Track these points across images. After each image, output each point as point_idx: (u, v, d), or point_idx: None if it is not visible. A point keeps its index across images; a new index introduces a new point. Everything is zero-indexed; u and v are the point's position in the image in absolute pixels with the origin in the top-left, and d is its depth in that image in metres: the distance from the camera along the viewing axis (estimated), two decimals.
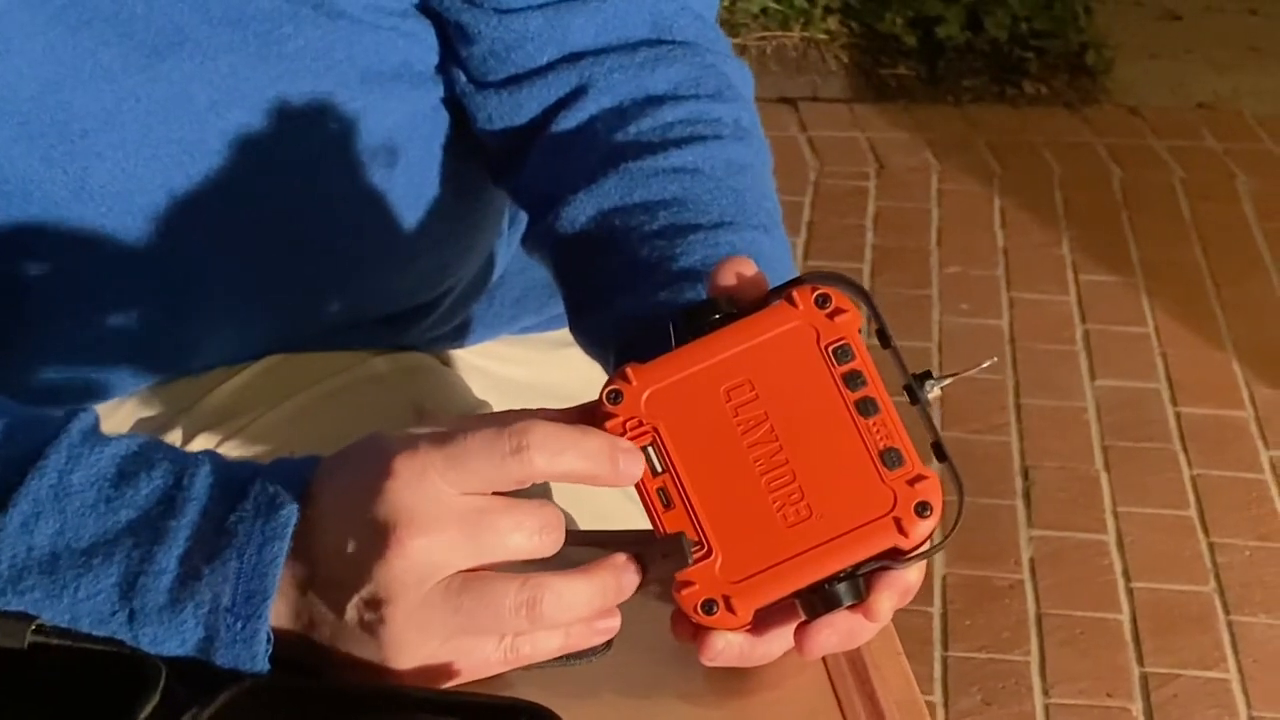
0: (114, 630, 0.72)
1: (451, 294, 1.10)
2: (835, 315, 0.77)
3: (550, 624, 0.73)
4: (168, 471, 0.75)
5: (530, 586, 0.72)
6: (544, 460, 0.72)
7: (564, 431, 0.73)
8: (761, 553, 0.74)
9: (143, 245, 0.92)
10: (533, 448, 0.72)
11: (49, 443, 0.74)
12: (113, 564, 0.72)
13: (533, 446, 0.72)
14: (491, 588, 0.71)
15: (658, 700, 0.79)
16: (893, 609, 0.76)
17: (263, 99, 0.92)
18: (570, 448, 0.73)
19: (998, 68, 4.01)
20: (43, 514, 0.73)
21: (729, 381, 0.76)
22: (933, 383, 0.78)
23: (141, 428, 1.03)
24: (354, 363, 1.08)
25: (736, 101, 1.01)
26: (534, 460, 0.72)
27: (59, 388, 0.97)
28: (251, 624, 0.72)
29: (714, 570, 0.74)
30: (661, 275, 0.91)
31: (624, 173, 0.95)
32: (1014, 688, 2.30)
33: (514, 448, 0.71)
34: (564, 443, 0.73)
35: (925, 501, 0.75)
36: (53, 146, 0.87)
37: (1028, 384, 2.91)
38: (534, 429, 0.72)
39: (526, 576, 0.72)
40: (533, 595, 0.71)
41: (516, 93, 0.99)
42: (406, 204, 1.01)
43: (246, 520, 0.72)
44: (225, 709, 0.70)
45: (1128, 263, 3.28)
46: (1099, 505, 2.64)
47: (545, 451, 0.72)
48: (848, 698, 0.79)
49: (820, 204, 3.46)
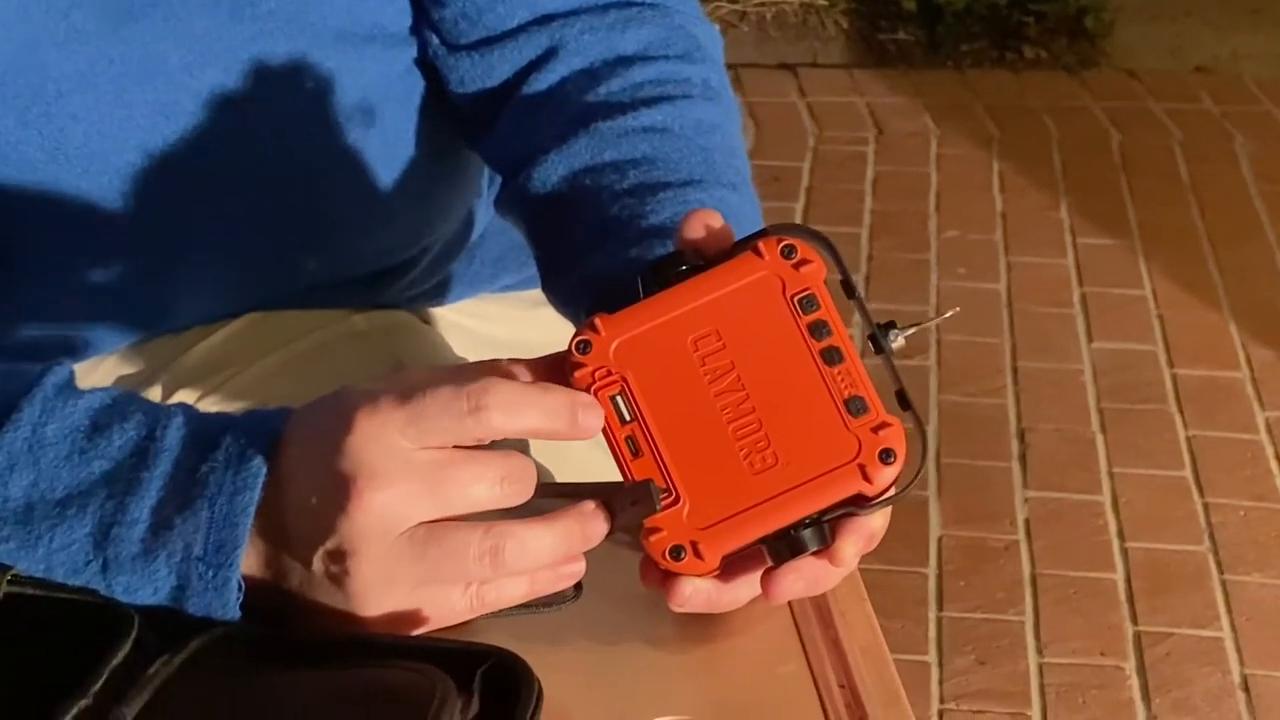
0: (88, 579, 0.74)
1: (430, 253, 1.11)
2: (801, 266, 0.78)
3: (514, 571, 0.74)
4: (140, 423, 0.76)
5: (494, 534, 0.73)
6: (502, 418, 0.73)
7: (522, 390, 0.74)
8: (728, 499, 0.75)
9: (120, 206, 0.93)
10: (491, 407, 0.73)
11: (23, 395, 0.76)
12: (86, 514, 0.74)
13: (491, 406, 0.73)
14: (455, 536, 0.73)
15: (625, 646, 0.80)
16: (858, 554, 0.77)
17: (236, 60, 0.93)
18: (529, 405, 0.74)
19: (997, 32, 4.01)
20: (17, 466, 0.74)
21: (696, 331, 0.77)
22: (896, 332, 0.79)
23: (122, 385, 1.04)
24: (334, 320, 1.09)
25: (705, 62, 1.02)
26: (492, 419, 0.73)
27: (38, 346, 0.98)
28: (223, 572, 0.73)
29: (681, 517, 0.75)
30: (631, 232, 0.92)
31: (594, 133, 0.97)
32: (1008, 647, 2.31)
33: (472, 407, 0.72)
34: (522, 400, 0.74)
35: (889, 448, 0.76)
36: (28, 108, 0.88)
37: (1025, 347, 2.92)
38: (493, 388, 0.73)
39: (490, 525, 0.73)
40: (496, 543, 0.73)
41: (488, 55, 1.00)
42: (383, 164, 1.02)
43: (218, 470, 0.74)
44: (196, 656, 0.71)
45: (1125, 226, 3.28)
46: (1095, 466, 2.65)
47: (503, 410, 0.73)
48: (812, 643, 0.80)
49: (819, 169, 3.47)
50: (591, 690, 0.76)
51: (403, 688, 0.69)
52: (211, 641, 0.72)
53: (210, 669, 0.71)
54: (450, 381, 0.73)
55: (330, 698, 0.70)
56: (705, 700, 0.76)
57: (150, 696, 0.68)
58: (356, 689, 0.70)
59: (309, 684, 0.71)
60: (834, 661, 0.79)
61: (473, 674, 0.70)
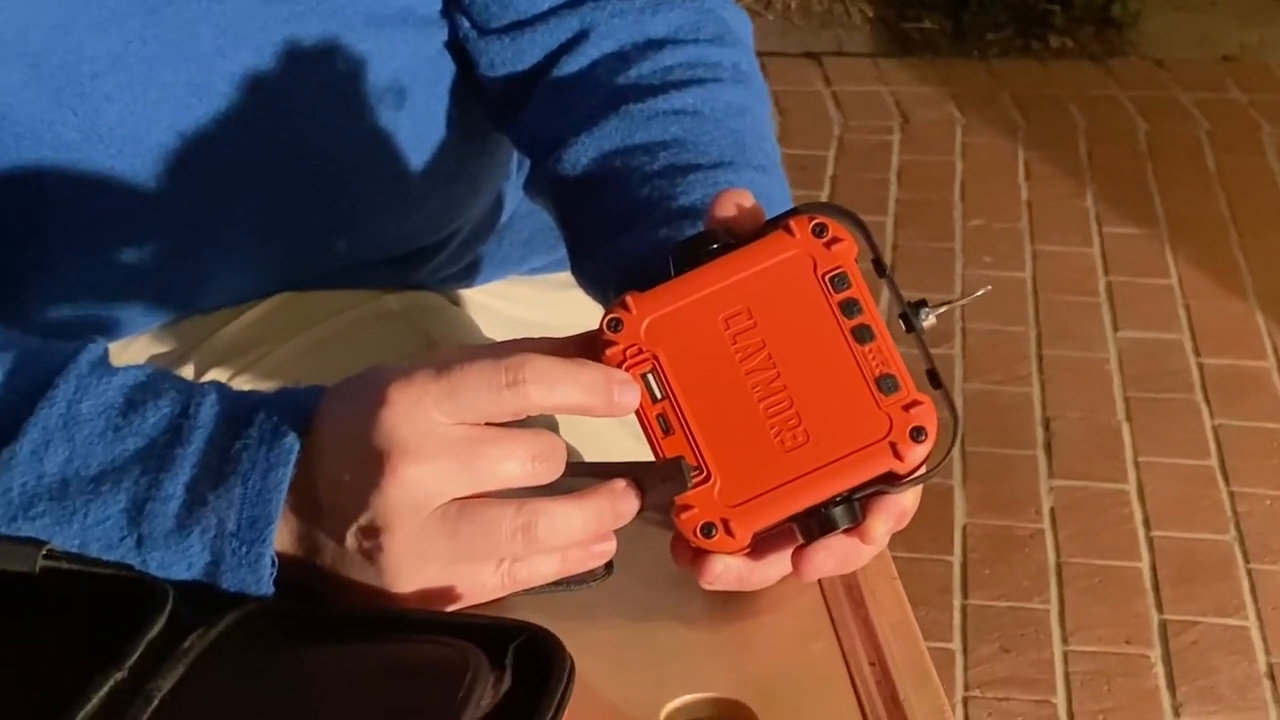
0: (122, 555, 0.74)
1: (460, 234, 1.11)
2: (832, 244, 0.78)
3: (546, 548, 0.74)
4: (174, 401, 0.76)
5: (526, 511, 0.73)
6: (539, 393, 0.73)
7: (560, 364, 0.74)
8: (759, 477, 0.75)
9: (153, 186, 0.94)
10: (528, 381, 0.73)
11: (58, 373, 0.76)
12: (121, 491, 0.74)
13: (528, 380, 0.73)
14: (487, 513, 0.73)
15: (655, 624, 0.80)
16: (888, 532, 0.78)
17: (269, 41, 0.93)
18: (566, 380, 0.74)
19: (1023, 21, 4.00)
20: (52, 442, 0.75)
21: (727, 310, 0.78)
22: (928, 310, 0.79)
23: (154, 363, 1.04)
24: (364, 300, 1.09)
25: (736, 46, 1.02)
26: (529, 393, 0.73)
27: (71, 326, 0.99)
28: (256, 548, 0.74)
29: (713, 494, 0.75)
30: (661, 213, 0.92)
31: (624, 115, 0.97)
32: (1033, 636, 2.31)
33: (510, 380, 0.73)
34: (559, 375, 0.74)
35: (920, 426, 0.76)
36: (62, 89, 0.89)
37: (1050, 335, 2.92)
38: (530, 362, 0.73)
39: (522, 501, 0.73)
40: (528, 519, 0.73)
41: (518, 38, 1.00)
42: (413, 146, 1.02)
43: (251, 447, 0.74)
44: (230, 630, 0.72)
45: (1152, 215, 3.27)
46: (1120, 455, 2.65)
47: (541, 384, 0.73)
48: (842, 621, 0.80)
49: (844, 158, 3.47)
50: (621, 668, 0.77)
51: (435, 663, 0.69)
52: (245, 616, 0.73)
53: (244, 643, 0.71)
54: (486, 356, 0.73)
55: (363, 672, 0.71)
56: (735, 678, 0.76)
57: (185, 670, 0.69)
58: (389, 664, 0.71)
59: (342, 658, 0.71)
60: (864, 640, 0.79)
61: (505, 650, 0.70)
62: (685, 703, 0.75)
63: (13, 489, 0.75)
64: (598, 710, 0.73)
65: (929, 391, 0.77)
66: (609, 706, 0.74)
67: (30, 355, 0.78)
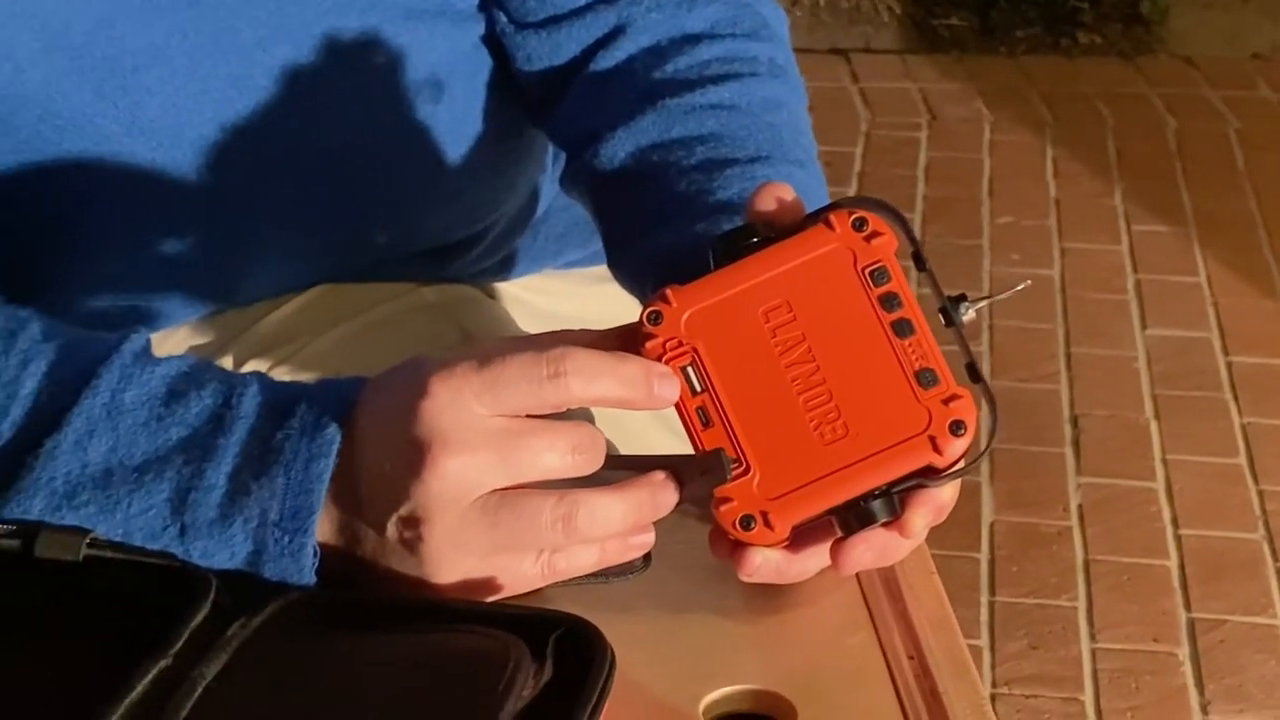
0: (166, 544, 0.75)
1: (496, 228, 1.11)
2: (872, 238, 0.78)
3: (585, 539, 0.74)
4: (217, 391, 0.77)
5: (566, 502, 0.73)
6: (580, 385, 0.73)
7: (600, 357, 0.74)
8: (798, 470, 0.76)
9: (193, 179, 0.94)
10: (569, 373, 0.73)
11: (101, 362, 0.77)
12: (164, 480, 0.75)
13: (569, 372, 0.73)
14: (527, 504, 0.73)
15: (694, 616, 0.80)
16: (927, 526, 0.78)
17: (308, 35, 0.94)
18: (606, 373, 0.74)
19: (1051, 18, 3.99)
20: (96, 431, 0.75)
21: (767, 303, 0.78)
22: (967, 305, 0.79)
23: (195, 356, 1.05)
24: (401, 293, 1.10)
25: (772, 40, 1.02)
26: (570, 385, 0.73)
27: (110, 317, 1.00)
28: (298, 539, 0.74)
29: (752, 487, 0.76)
30: (698, 208, 0.92)
31: (661, 110, 0.97)
32: (1061, 633, 2.31)
33: (551, 373, 0.73)
34: (600, 368, 0.74)
35: (959, 420, 0.76)
36: (104, 81, 0.89)
37: (1078, 333, 2.91)
38: (571, 355, 0.73)
39: (562, 493, 0.74)
40: (568, 510, 0.73)
41: (555, 33, 1.01)
42: (450, 140, 1.03)
43: (293, 438, 0.75)
44: (272, 619, 0.72)
45: (1181, 213, 3.27)
46: (1148, 453, 2.64)
47: (581, 377, 0.73)
48: (881, 615, 0.80)
49: (871, 155, 3.46)
50: (660, 660, 0.77)
51: (477, 653, 0.69)
52: (287, 605, 0.73)
53: (286, 632, 0.72)
54: (528, 349, 0.74)
55: (405, 662, 0.71)
56: (773, 670, 0.77)
57: (229, 658, 0.69)
58: (431, 653, 0.71)
59: (383, 648, 0.72)
60: (902, 633, 0.79)
61: (546, 641, 0.70)
62: (724, 694, 0.75)
63: (56, 478, 0.75)
64: (637, 701, 0.73)
65: (968, 386, 0.77)
66: (648, 698, 0.75)
67: (74, 346, 0.78)
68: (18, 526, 0.74)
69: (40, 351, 0.78)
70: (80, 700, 0.65)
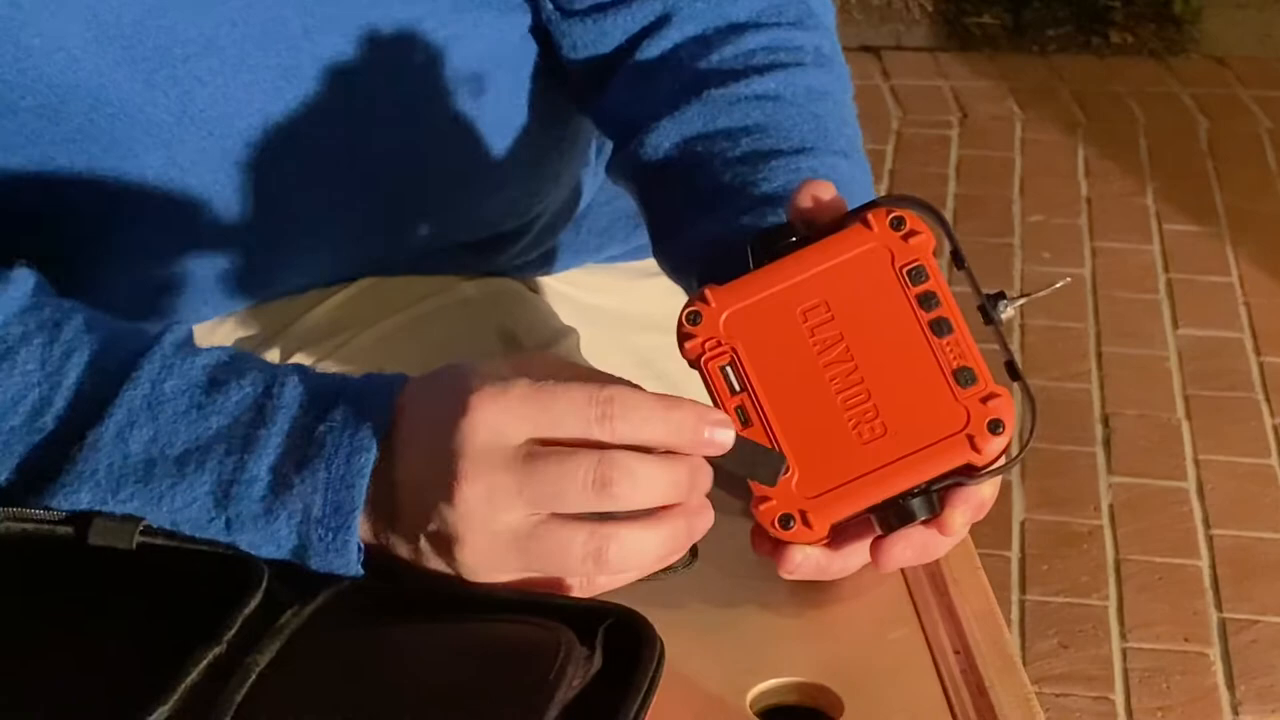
0: (213, 535, 0.75)
1: (539, 221, 1.11)
2: (910, 237, 0.79)
3: (619, 570, 0.74)
4: (257, 380, 0.77)
5: (597, 537, 0.73)
6: (627, 430, 0.73)
7: (651, 403, 0.74)
8: (837, 469, 0.76)
9: (240, 168, 0.94)
10: (617, 418, 0.72)
11: (143, 354, 0.77)
12: (205, 472, 0.75)
13: (618, 416, 0.72)
14: (558, 536, 0.73)
15: (740, 610, 0.81)
16: (967, 524, 0.78)
17: (355, 26, 0.94)
18: (656, 420, 0.73)
19: (1083, 17, 3.98)
20: (137, 422, 0.76)
21: (805, 302, 0.78)
22: (1006, 303, 0.79)
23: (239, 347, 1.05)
24: (444, 287, 1.10)
25: (818, 29, 1.02)
26: (617, 429, 0.73)
27: (154, 308, 1.00)
28: (341, 535, 0.74)
29: (791, 486, 0.76)
30: (743, 200, 0.92)
31: (707, 100, 0.97)
32: (1091, 632, 2.30)
33: (599, 415, 0.72)
34: (648, 414, 0.73)
35: (998, 419, 0.76)
36: (155, 71, 0.89)
37: (1109, 332, 2.91)
38: (621, 399, 0.73)
39: (595, 526, 0.73)
40: (599, 546, 0.73)
41: (601, 21, 1.01)
42: (495, 131, 1.03)
43: (335, 431, 0.75)
44: (324, 608, 0.73)
45: (1212, 212, 3.26)
46: (1179, 453, 2.63)
47: (629, 423, 0.73)
48: (926, 609, 0.80)
49: (903, 153, 3.46)
50: (707, 652, 0.77)
51: (528, 643, 0.70)
52: (339, 594, 0.73)
53: (338, 621, 0.72)
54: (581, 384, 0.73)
55: (456, 650, 0.71)
56: (820, 663, 0.77)
57: (281, 646, 0.70)
58: (482, 642, 0.71)
59: (435, 636, 0.72)
60: (948, 628, 0.79)
61: (595, 631, 0.71)
62: (771, 686, 0.76)
63: (99, 470, 0.75)
64: (684, 692, 0.74)
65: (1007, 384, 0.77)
66: (695, 689, 0.75)
67: (117, 337, 0.79)
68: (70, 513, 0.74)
69: (84, 342, 0.78)
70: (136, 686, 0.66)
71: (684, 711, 0.73)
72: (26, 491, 0.76)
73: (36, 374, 0.77)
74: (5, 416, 0.77)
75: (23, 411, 0.77)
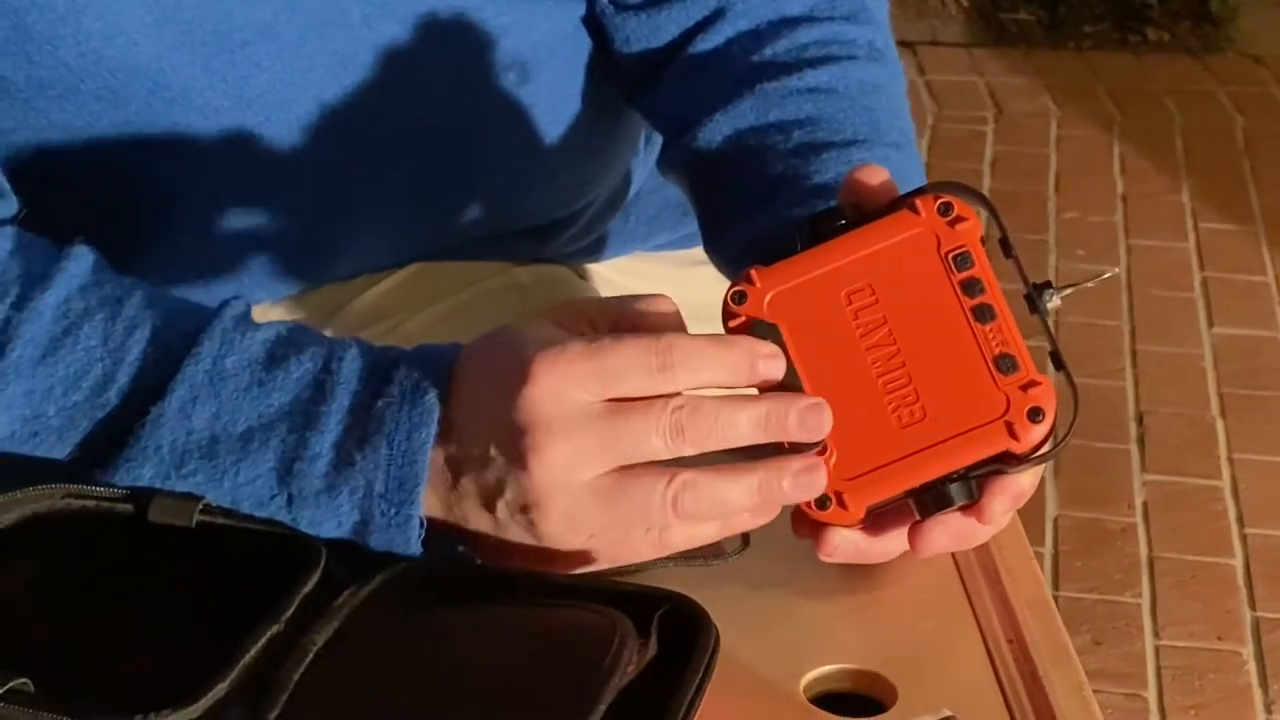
0: (274, 512, 0.76)
1: (590, 209, 1.12)
2: (957, 223, 0.79)
3: (696, 518, 0.75)
4: (316, 355, 0.78)
5: (676, 484, 0.73)
6: (687, 376, 0.74)
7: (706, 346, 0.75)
8: (876, 451, 0.76)
9: (296, 154, 0.95)
10: (677, 365, 0.73)
11: (203, 329, 0.78)
12: (269, 449, 0.76)
13: (677, 364, 0.73)
14: (638, 485, 0.73)
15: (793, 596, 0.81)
16: (1006, 513, 0.78)
17: (413, 13, 0.94)
18: (712, 362, 0.74)
19: (1120, 14, 3.97)
20: (199, 398, 0.77)
21: (850, 285, 0.78)
22: (1052, 292, 0.79)
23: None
24: (495, 272, 1.10)
25: (871, 24, 1.02)
26: (678, 378, 0.73)
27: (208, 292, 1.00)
28: (405, 510, 0.75)
29: (829, 467, 0.76)
30: (795, 192, 0.92)
31: (759, 93, 0.97)
32: (1124, 629, 2.30)
33: (660, 365, 0.73)
34: (705, 359, 0.74)
35: (1038, 407, 0.76)
36: (213, 56, 0.90)
37: (1144, 330, 2.90)
38: (678, 345, 0.74)
39: (675, 472, 0.73)
40: (677, 493, 0.73)
41: (655, 15, 1.01)
42: (547, 119, 1.03)
43: (394, 406, 0.75)
44: (382, 589, 0.73)
45: (1248, 211, 3.25)
46: (1214, 451, 2.63)
47: (689, 368, 0.74)
48: (979, 598, 0.81)
49: (938, 148, 3.46)
50: (759, 639, 0.77)
51: (584, 627, 0.70)
52: (396, 575, 0.74)
53: (395, 602, 0.73)
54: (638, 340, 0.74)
55: (512, 634, 0.72)
56: (873, 651, 0.77)
57: (339, 625, 0.70)
58: (538, 626, 0.72)
59: (491, 619, 0.73)
60: (1001, 617, 0.79)
61: (650, 618, 0.71)
62: (824, 673, 0.76)
63: (163, 446, 0.76)
64: (738, 677, 0.74)
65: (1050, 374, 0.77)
66: (749, 674, 0.75)
67: (178, 312, 0.80)
68: (131, 491, 0.75)
69: (146, 318, 0.79)
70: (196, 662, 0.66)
71: (737, 697, 0.73)
72: (88, 467, 0.77)
73: (99, 349, 0.78)
74: (69, 392, 0.77)
75: (86, 387, 0.77)
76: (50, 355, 0.78)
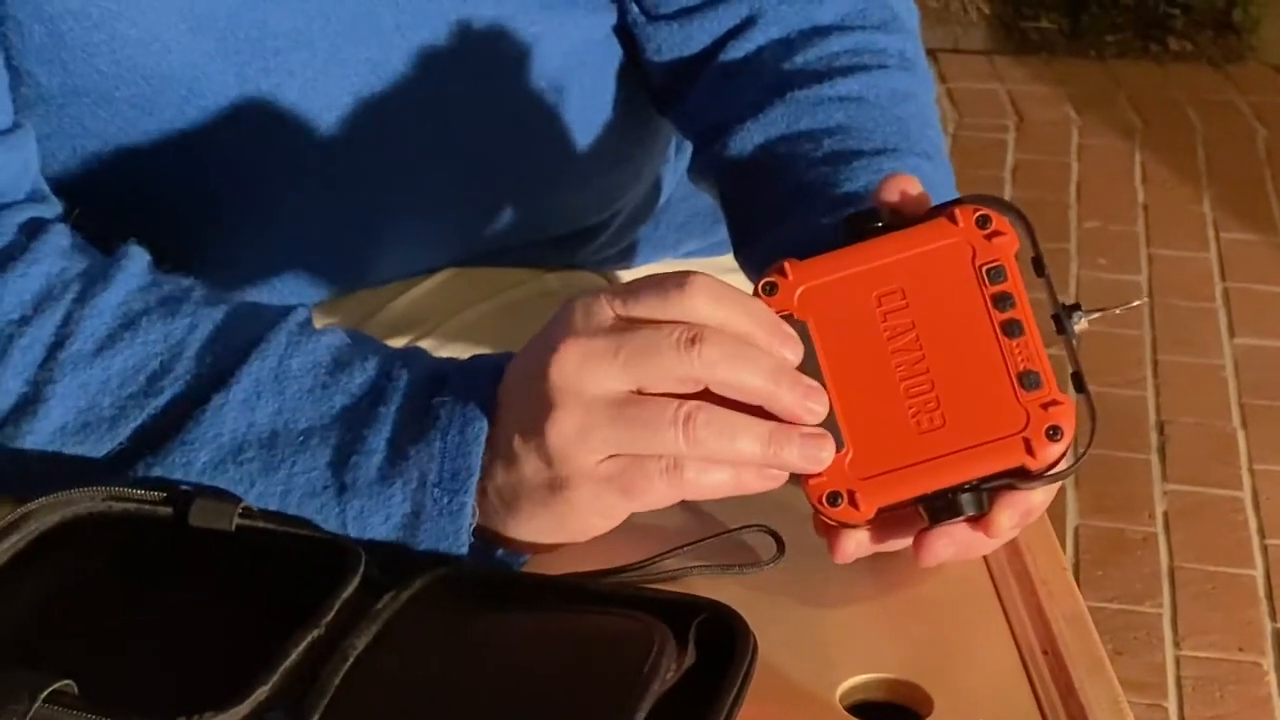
0: (323, 504, 0.77)
1: (620, 216, 1.12)
2: (993, 237, 0.79)
3: (708, 452, 0.74)
4: (377, 364, 0.79)
5: (691, 404, 0.74)
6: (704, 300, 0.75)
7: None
8: (891, 454, 0.76)
9: (330, 160, 0.95)
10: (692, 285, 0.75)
11: (270, 328, 0.79)
12: (328, 446, 0.77)
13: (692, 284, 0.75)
14: (652, 401, 0.74)
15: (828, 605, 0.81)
16: (1014, 528, 0.78)
17: (445, 21, 0.95)
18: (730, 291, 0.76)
19: (1142, 23, 3.96)
20: (263, 394, 0.78)
21: (882, 288, 0.78)
22: (1080, 314, 0.79)
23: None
24: (527, 279, 1.11)
25: (901, 33, 1.03)
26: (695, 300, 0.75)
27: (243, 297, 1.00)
28: (458, 498, 0.76)
29: (844, 464, 0.76)
30: (825, 200, 0.93)
31: (790, 102, 0.97)
32: (1145, 639, 2.30)
33: (677, 283, 0.75)
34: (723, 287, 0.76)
35: (1057, 426, 0.76)
36: (248, 63, 0.90)
37: (1165, 340, 2.90)
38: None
39: (686, 399, 0.74)
40: (691, 412, 0.73)
41: (687, 25, 1.01)
42: (579, 128, 1.03)
43: (448, 403, 0.77)
44: (421, 594, 0.73)
45: (1270, 221, 3.25)
46: (1235, 462, 2.63)
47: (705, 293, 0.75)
48: (1014, 609, 0.80)
49: (958, 156, 3.45)
50: (795, 648, 0.77)
51: (622, 634, 0.70)
52: (436, 580, 0.74)
53: (434, 607, 0.73)
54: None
55: (551, 640, 0.72)
56: (909, 661, 0.77)
57: (379, 630, 0.70)
58: (577, 633, 0.72)
59: (529, 626, 0.73)
60: (1037, 629, 0.79)
61: (689, 626, 0.71)
62: (860, 682, 0.76)
63: (224, 434, 0.77)
64: (775, 686, 0.74)
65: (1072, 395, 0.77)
66: (786, 683, 0.75)
67: (238, 313, 0.81)
68: (170, 494, 0.75)
69: (206, 316, 0.81)
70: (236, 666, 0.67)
71: (774, 705, 0.73)
72: (135, 459, 0.78)
73: (159, 344, 0.79)
74: (125, 384, 0.79)
75: (142, 379, 0.79)
76: (108, 349, 0.79)
